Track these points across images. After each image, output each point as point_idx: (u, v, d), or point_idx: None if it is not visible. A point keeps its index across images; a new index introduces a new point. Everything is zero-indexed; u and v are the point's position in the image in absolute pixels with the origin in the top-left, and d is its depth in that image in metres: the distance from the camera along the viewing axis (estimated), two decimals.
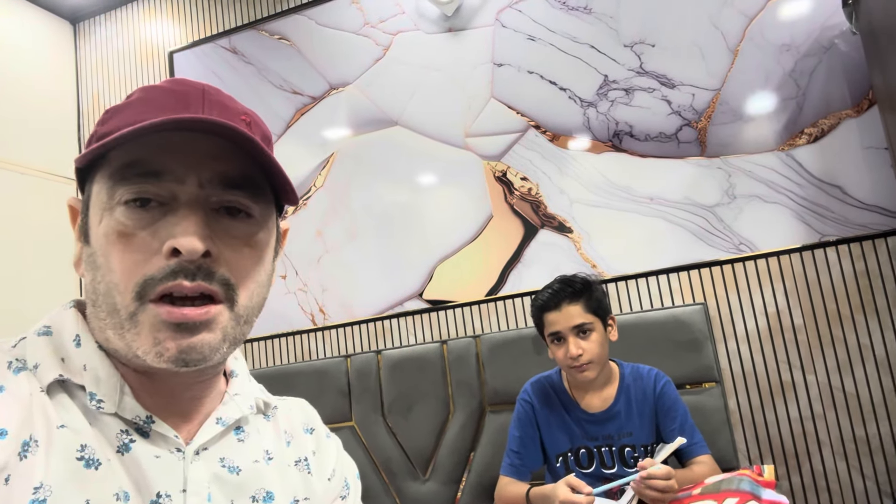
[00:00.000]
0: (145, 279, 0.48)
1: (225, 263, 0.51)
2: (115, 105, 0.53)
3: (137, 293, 0.48)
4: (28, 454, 0.45)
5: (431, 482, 1.95)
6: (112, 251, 0.49)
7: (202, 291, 0.50)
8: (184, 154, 0.50)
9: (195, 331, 0.49)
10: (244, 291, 0.53)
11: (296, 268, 2.44)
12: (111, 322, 0.50)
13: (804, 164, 1.87)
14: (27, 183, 2.59)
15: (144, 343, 0.48)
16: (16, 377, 0.49)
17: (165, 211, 0.50)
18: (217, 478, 0.54)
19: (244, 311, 0.53)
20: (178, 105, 0.51)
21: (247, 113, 0.55)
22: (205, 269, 0.49)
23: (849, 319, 1.80)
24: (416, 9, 2.37)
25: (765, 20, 1.94)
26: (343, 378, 2.09)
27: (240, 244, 0.53)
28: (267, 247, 0.56)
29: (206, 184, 0.51)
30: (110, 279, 0.49)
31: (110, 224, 0.49)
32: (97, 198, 0.51)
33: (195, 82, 0.54)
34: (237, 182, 0.52)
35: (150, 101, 0.51)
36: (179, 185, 0.50)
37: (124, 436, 0.51)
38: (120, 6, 2.91)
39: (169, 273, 0.48)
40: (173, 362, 0.49)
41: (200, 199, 0.51)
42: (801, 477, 1.82)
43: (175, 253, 0.48)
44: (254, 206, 0.54)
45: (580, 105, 2.11)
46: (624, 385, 1.49)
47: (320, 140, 2.46)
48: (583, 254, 2.07)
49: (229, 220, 0.52)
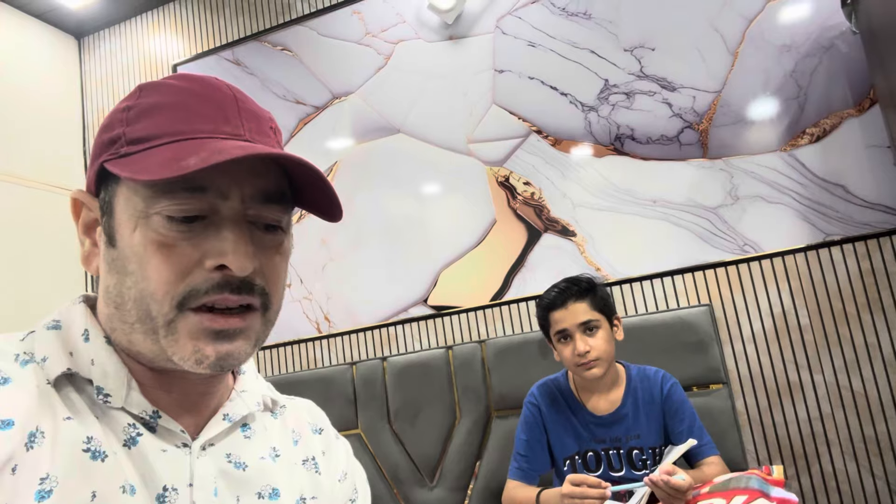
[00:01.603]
0: (189, 290, 0.49)
1: (261, 274, 0.53)
2: (139, 102, 0.52)
3: (179, 303, 0.49)
4: (35, 445, 0.45)
5: (439, 489, 1.94)
6: (150, 260, 0.49)
7: (244, 303, 0.52)
8: (228, 170, 0.51)
9: (233, 338, 0.51)
10: (276, 297, 0.56)
11: (301, 276, 2.44)
12: (142, 327, 0.50)
13: (807, 164, 1.87)
14: (33, 196, 2.60)
15: (182, 350, 0.50)
16: (23, 369, 0.49)
17: (206, 224, 0.51)
18: (223, 473, 0.55)
19: (274, 316, 0.56)
20: (217, 115, 0.52)
21: (271, 118, 0.58)
22: (247, 282, 0.52)
23: (855, 318, 1.80)
24: (417, 18, 2.39)
25: (764, 21, 1.94)
26: (349, 385, 2.09)
27: (272, 253, 0.55)
28: (290, 253, 0.59)
29: (247, 199, 0.52)
30: (144, 287, 0.50)
31: (148, 234, 0.50)
32: (129, 203, 0.51)
33: (223, 86, 0.54)
34: (275, 197, 0.54)
35: (186, 108, 0.51)
36: (223, 201, 0.51)
37: (131, 429, 0.51)
38: (124, 20, 2.94)
39: (214, 286, 0.50)
40: (211, 368, 0.51)
41: (242, 215, 0.52)
42: (811, 478, 1.80)
43: (221, 267, 0.50)
44: (284, 217, 0.56)
45: (581, 109, 2.12)
46: (631, 387, 1.49)
47: (324, 149, 2.48)
48: (587, 257, 2.07)
49: (263, 233, 0.54)
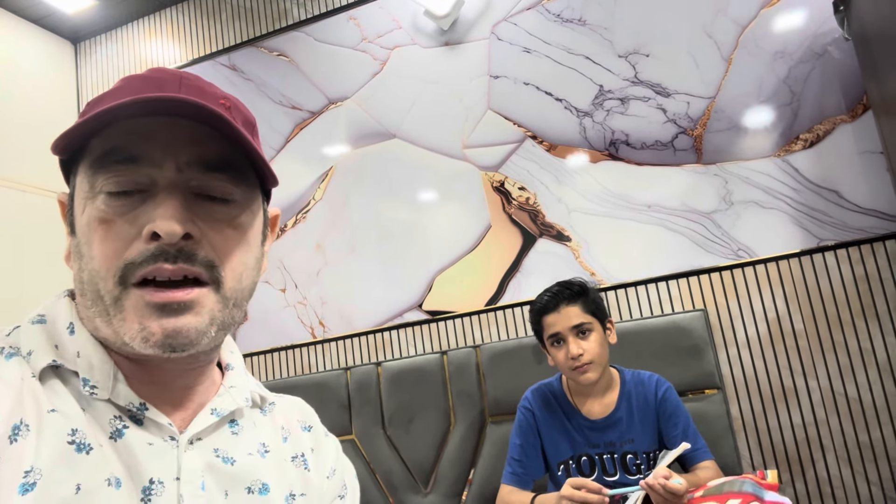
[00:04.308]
0: (126, 264, 0.48)
1: (208, 245, 0.51)
2: (96, 96, 0.53)
3: (120, 278, 0.48)
4: (19, 437, 0.45)
5: (433, 495, 1.93)
6: (93, 238, 0.49)
7: (185, 274, 0.49)
8: (161, 139, 0.50)
9: (180, 313, 0.49)
10: (230, 273, 0.52)
11: (295, 281, 2.44)
12: (97, 310, 0.50)
13: (800, 170, 1.88)
14: (27, 201, 2.60)
15: (130, 328, 0.48)
16: (7, 362, 0.49)
17: (145, 197, 0.50)
18: (211, 467, 0.54)
19: (231, 294, 0.53)
20: (155, 90, 0.51)
21: (227, 97, 0.55)
22: (186, 251, 0.49)
23: (849, 324, 1.80)
24: (413, 24, 2.40)
25: (758, 28, 1.96)
26: (343, 391, 2.08)
27: (222, 226, 0.53)
28: (251, 229, 0.56)
29: (184, 168, 0.51)
30: (92, 266, 0.49)
31: (91, 213, 0.50)
32: (80, 188, 0.52)
33: (174, 70, 0.54)
34: (216, 165, 0.52)
35: (128, 89, 0.51)
36: (157, 170, 0.50)
37: (117, 422, 0.50)
38: (120, 26, 2.95)
39: (149, 257, 0.48)
40: (160, 347, 0.48)
41: (179, 183, 0.51)
42: (806, 483, 1.80)
43: (155, 237, 0.48)
44: (235, 190, 0.53)
45: (576, 115, 2.13)
46: (625, 391, 1.48)
47: (319, 154, 2.48)
48: (582, 262, 2.07)
49: (210, 203, 0.52)
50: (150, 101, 0.48)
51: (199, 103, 0.48)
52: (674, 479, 1.18)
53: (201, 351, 0.53)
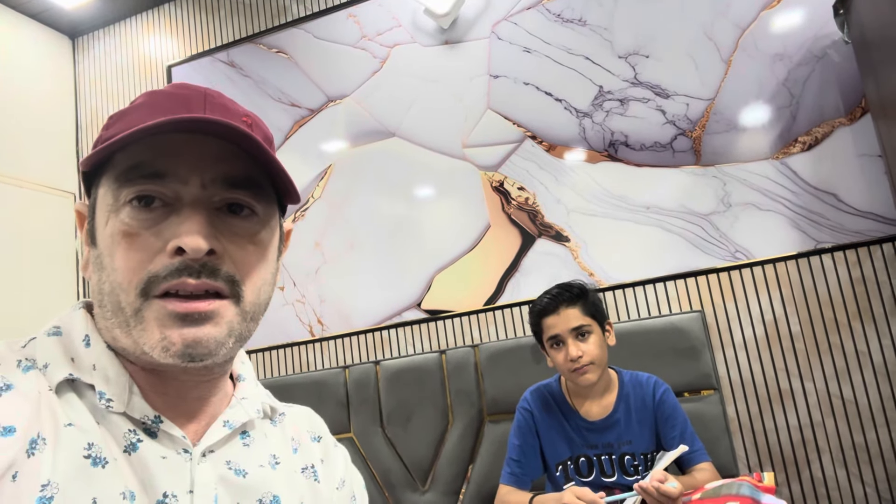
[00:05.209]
0: (149, 277, 0.49)
1: (229, 260, 0.52)
2: (119, 110, 0.54)
3: (142, 290, 0.49)
4: (36, 451, 0.45)
5: (431, 493, 1.94)
6: (116, 251, 0.50)
7: (207, 289, 0.50)
8: (187, 156, 0.51)
9: (200, 323, 0.50)
10: (250, 287, 0.53)
11: (294, 279, 2.44)
12: (116, 321, 0.50)
13: (798, 172, 1.89)
14: (25, 196, 2.59)
15: (151, 338, 0.49)
16: (25, 375, 0.49)
17: (169, 212, 0.51)
18: (224, 480, 0.54)
19: (251, 308, 0.54)
20: (181, 108, 0.52)
21: (248, 115, 0.56)
22: (209, 266, 0.50)
23: (846, 326, 1.81)
24: (413, 22, 2.39)
25: (757, 30, 1.96)
26: (341, 389, 2.09)
27: (244, 241, 0.54)
28: (271, 245, 0.57)
29: (208, 184, 0.51)
30: (114, 279, 0.50)
31: (115, 225, 0.50)
32: (103, 200, 0.52)
33: (198, 86, 0.55)
34: (240, 182, 0.53)
35: (153, 105, 0.52)
36: (183, 186, 0.51)
37: (132, 435, 0.51)
38: (118, 21, 2.93)
39: (174, 271, 0.49)
40: (179, 357, 0.49)
41: (203, 199, 0.51)
42: (801, 485, 1.81)
43: (179, 252, 0.49)
44: (257, 205, 0.54)
45: (576, 115, 2.13)
46: (623, 393, 1.49)
47: (318, 152, 2.48)
48: (580, 262, 2.07)
49: (232, 218, 0.53)
50: (182, 122, 0.48)
51: (230, 124, 0.49)
52: (668, 482, 1.19)
53: (217, 362, 0.53)
